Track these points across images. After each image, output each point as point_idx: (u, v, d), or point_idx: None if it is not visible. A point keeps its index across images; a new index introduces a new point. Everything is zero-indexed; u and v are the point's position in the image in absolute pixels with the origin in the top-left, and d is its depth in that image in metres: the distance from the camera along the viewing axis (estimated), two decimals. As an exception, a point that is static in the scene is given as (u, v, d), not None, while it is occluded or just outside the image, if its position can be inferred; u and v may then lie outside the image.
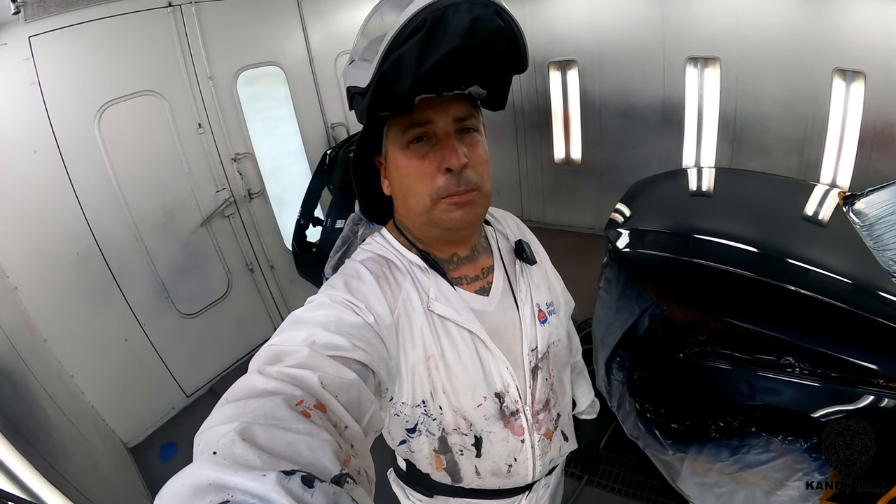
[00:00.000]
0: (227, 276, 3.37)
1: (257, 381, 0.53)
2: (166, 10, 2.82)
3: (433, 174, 0.78)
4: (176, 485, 0.37)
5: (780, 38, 3.10)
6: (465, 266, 0.91)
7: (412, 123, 0.78)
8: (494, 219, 1.02)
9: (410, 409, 0.86)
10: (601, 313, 2.54)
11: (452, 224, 0.81)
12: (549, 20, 4.00)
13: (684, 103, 3.67)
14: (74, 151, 2.56)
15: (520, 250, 0.96)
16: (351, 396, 0.58)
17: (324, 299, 0.75)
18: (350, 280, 0.80)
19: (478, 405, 0.88)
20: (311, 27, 3.67)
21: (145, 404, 2.99)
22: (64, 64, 2.48)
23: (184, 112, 3.00)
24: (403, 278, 0.85)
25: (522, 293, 0.93)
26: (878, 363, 1.71)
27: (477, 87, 0.81)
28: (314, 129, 3.84)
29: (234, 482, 0.36)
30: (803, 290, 1.92)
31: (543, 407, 0.96)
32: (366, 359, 0.67)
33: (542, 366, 0.94)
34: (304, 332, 0.65)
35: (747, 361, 1.91)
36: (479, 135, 0.83)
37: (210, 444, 0.41)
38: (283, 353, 0.60)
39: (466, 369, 0.85)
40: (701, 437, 2.06)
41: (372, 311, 0.76)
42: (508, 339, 0.90)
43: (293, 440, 0.43)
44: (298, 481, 0.36)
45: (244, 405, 0.48)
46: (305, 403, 0.50)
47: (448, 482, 0.97)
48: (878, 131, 2.87)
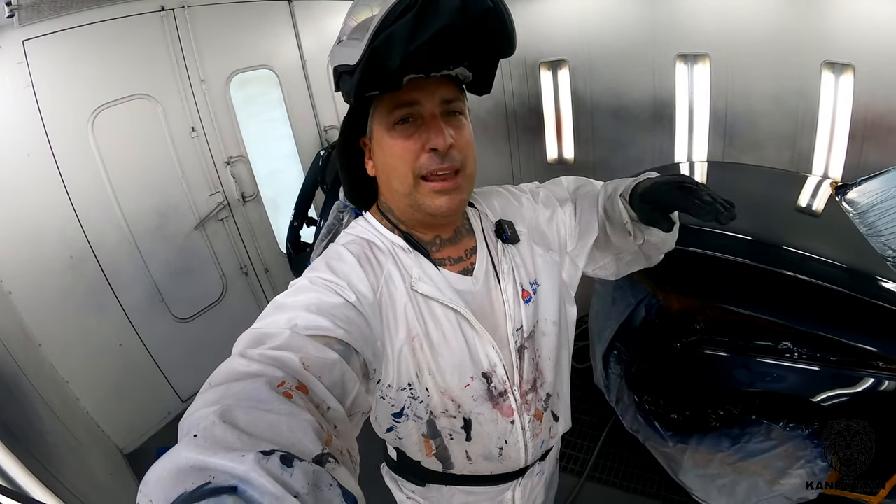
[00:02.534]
0: (221, 279, 3.35)
1: (239, 365, 0.53)
2: (159, 13, 2.83)
3: (418, 153, 0.79)
4: (159, 469, 0.38)
5: (768, 33, 3.13)
6: (449, 248, 0.91)
7: (399, 104, 0.78)
8: (477, 200, 1.01)
9: (396, 393, 0.85)
10: (597, 308, 2.54)
11: (436, 210, 0.82)
12: (539, 21, 4.03)
13: (675, 100, 3.69)
14: (68, 155, 2.55)
15: (500, 231, 0.95)
16: (334, 377, 0.59)
17: (305, 282, 0.75)
18: (332, 261, 0.81)
19: (465, 385, 0.87)
20: (304, 31, 3.69)
21: (140, 410, 2.96)
22: (58, 67, 2.47)
23: (177, 115, 3.00)
24: (385, 259, 0.85)
25: (505, 273, 0.92)
26: (877, 345, 1.72)
27: (464, 69, 0.82)
28: (307, 132, 3.85)
29: (215, 463, 0.36)
30: (800, 275, 1.93)
31: (531, 387, 0.95)
32: (348, 338, 0.67)
33: (528, 345, 0.94)
34: (285, 315, 0.66)
35: (745, 348, 1.91)
36: (464, 118, 0.84)
37: (192, 428, 0.42)
38: (265, 336, 0.60)
39: (451, 349, 0.85)
40: (701, 428, 2.06)
41: (354, 290, 0.76)
42: (493, 319, 0.90)
43: (274, 421, 0.43)
44: (277, 461, 0.37)
45: (226, 389, 0.49)
46: (287, 385, 0.51)
47: (439, 469, 0.97)
48: (868, 123, 2.89)
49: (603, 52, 3.87)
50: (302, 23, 3.67)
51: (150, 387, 3.00)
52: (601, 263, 1.05)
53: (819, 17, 2.93)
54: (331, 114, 3.98)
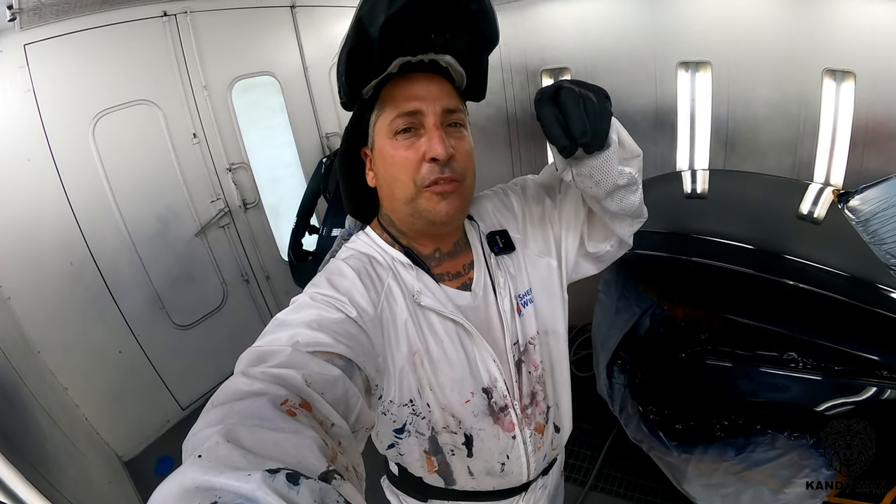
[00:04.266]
0: (222, 286, 3.34)
1: (241, 384, 0.53)
2: (161, 19, 2.84)
3: (419, 163, 0.79)
4: (164, 491, 0.37)
5: (769, 40, 3.15)
6: (447, 262, 0.90)
7: (400, 113, 0.79)
8: (472, 212, 0.99)
9: (398, 409, 0.85)
10: (601, 317, 2.53)
11: (437, 216, 0.81)
12: (541, 29, 4.05)
13: (676, 108, 3.71)
14: (69, 160, 2.55)
15: (492, 243, 0.94)
16: (337, 393, 0.59)
17: (305, 299, 0.75)
18: (332, 277, 0.81)
19: (465, 401, 0.87)
20: (306, 37, 3.71)
21: (140, 417, 2.94)
22: (59, 72, 2.48)
23: (179, 121, 3.00)
24: (386, 274, 0.85)
25: (501, 286, 0.91)
26: (881, 355, 1.71)
27: (455, 62, 0.82)
28: (309, 139, 3.86)
29: (221, 483, 0.36)
30: (804, 284, 1.92)
31: (531, 401, 0.95)
32: (350, 354, 0.66)
33: (524, 359, 0.93)
34: (287, 332, 0.66)
35: (750, 358, 1.91)
36: (465, 130, 0.84)
37: (196, 448, 0.41)
38: (267, 354, 0.60)
39: (452, 364, 0.85)
40: (706, 438, 2.04)
41: (355, 306, 0.75)
42: (492, 333, 0.90)
43: (279, 439, 0.43)
44: (283, 479, 0.37)
45: (230, 408, 0.48)
46: (290, 402, 0.51)
47: (441, 485, 0.96)
48: (870, 130, 2.90)
49: (604, 59, 3.88)
50: (304, 29, 3.68)
51: (149, 394, 2.98)
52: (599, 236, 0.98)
53: (820, 25, 2.95)
54: (332, 121, 3.98)
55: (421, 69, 0.81)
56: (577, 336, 3.25)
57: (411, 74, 0.80)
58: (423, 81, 0.80)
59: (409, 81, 0.79)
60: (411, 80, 0.80)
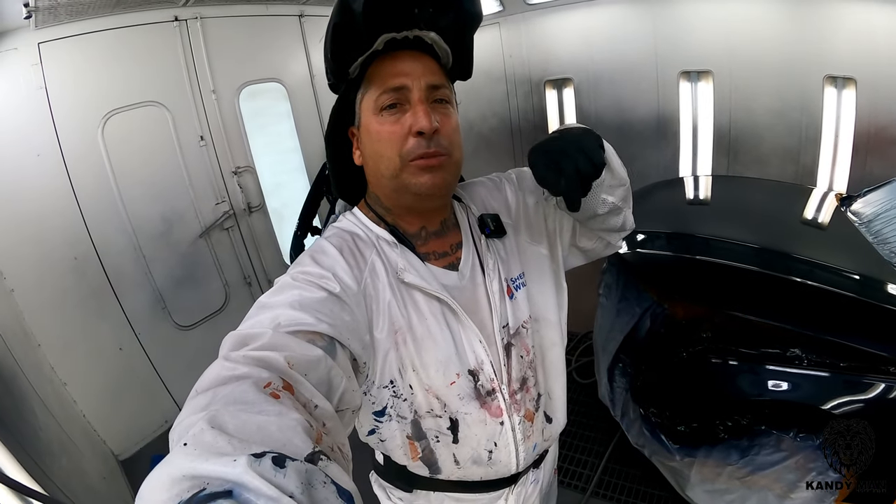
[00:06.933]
0: (224, 289, 3.35)
1: (224, 368, 0.53)
2: (173, 23, 2.91)
3: (405, 137, 0.79)
4: (152, 481, 0.37)
5: (770, 48, 3.18)
6: (434, 241, 0.90)
7: (386, 89, 0.80)
8: (463, 194, 1.00)
9: (378, 390, 0.83)
10: (601, 320, 2.50)
11: (422, 189, 0.81)
12: (544, 40, 4.11)
13: (679, 117, 3.74)
14: (77, 157, 2.59)
15: (483, 225, 0.94)
16: (320, 374, 0.59)
17: (287, 280, 0.75)
18: (315, 255, 0.81)
19: (450, 383, 0.85)
20: (313, 46, 3.77)
21: (138, 416, 2.92)
22: (71, 71, 2.53)
23: (186, 124, 3.05)
24: (369, 251, 0.84)
25: (490, 268, 0.91)
26: (887, 350, 1.68)
27: (439, 39, 0.83)
28: (315, 144, 3.89)
29: (207, 470, 0.36)
30: (808, 280, 1.91)
31: (521, 386, 0.93)
32: (332, 332, 0.66)
33: (515, 343, 0.92)
34: (269, 314, 0.66)
35: (753, 356, 1.88)
36: (451, 108, 0.85)
37: (181, 436, 0.41)
38: (249, 337, 0.60)
39: (437, 343, 0.84)
40: (709, 440, 2.00)
41: (338, 281, 0.75)
42: (480, 314, 0.89)
43: (263, 423, 0.43)
44: (269, 462, 0.36)
45: (213, 394, 0.49)
46: (273, 385, 0.50)
47: (426, 474, 0.94)
48: (872, 135, 2.91)
49: (607, 69, 3.94)
50: (311, 38, 3.75)
51: (148, 393, 2.97)
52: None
53: (820, 32, 2.98)
54: (338, 128, 4.02)
55: (406, 47, 0.81)
56: (579, 343, 3.21)
57: (397, 52, 0.81)
58: (408, 58, 0.81)
59: (394, 59, 0.80)
60: (397, 57, 0.80)
